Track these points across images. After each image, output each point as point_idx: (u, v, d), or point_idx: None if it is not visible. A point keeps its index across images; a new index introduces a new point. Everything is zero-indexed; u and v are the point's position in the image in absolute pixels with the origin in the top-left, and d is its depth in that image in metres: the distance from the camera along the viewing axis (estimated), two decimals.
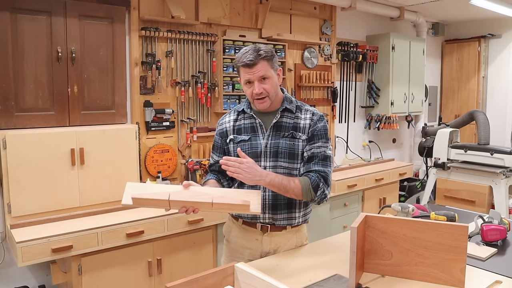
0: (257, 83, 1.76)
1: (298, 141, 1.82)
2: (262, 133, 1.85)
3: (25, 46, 2.69)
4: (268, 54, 1.77)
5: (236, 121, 1.92)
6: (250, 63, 1.74)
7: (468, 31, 6.13)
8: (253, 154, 1.82)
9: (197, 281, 1.30)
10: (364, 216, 1.59)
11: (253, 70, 1.75)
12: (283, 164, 1.82)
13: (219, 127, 1.96)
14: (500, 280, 1.60)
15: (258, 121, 1.86)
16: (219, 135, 1.95)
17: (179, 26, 3.47)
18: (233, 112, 1.96)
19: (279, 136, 1.83)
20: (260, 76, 1.75)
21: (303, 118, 1.86)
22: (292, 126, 1.84)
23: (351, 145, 5.12)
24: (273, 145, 1.82)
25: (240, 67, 1.79)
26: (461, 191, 4.24)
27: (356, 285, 1.53)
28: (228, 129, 1.92)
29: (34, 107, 2.75)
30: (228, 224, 2.03)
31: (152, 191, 1.60)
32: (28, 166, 2.57)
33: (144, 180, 3.22)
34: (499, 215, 2.09)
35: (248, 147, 1.85)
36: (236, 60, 1.81)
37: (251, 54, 1.75)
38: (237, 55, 1.82)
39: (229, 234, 1.99)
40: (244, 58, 1.75)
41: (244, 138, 1.86)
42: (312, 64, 4.53)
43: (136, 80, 3.31)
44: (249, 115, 1.89)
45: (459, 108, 6.19)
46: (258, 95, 1.77)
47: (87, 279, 2.51)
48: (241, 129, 1.90)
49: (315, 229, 3.67)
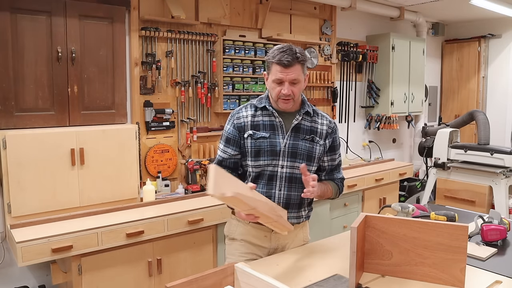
0: (288, 85, 1.76)
1: (316, 145, 1.89)
2: (282, 132, 1.85)
3: (25, 46, 2.69)
4: (304, 59, 1.78)
5: (254, 116, 1.88)
6: (288, 63, 1.73)
7: (468, 31, 6.13)
8: (272, 152, 1.83)
9: (197, 281, 1.30)
10: (364, 216, 1.59)
11: (288, 71, 1.75)
12: (301, 165, 1.83)
13: (236, 120, 1.89)
14: (500, 280, 1.60)
15: (279, 120, 1.86)
16: (237, 128, 1.88)
17: (179, 26, 3.47)
18: (249, 107, 1.91)
19: (298, 138, 1.86)
20: (293, 79, 1.76)
21: (319, 123, 1.92)
22: (310, 130, 1.89)
23: (351, 145, 5.12)
24: (292, 145, 1.84)
25: (274, 63, 1.77)
26: (461, 191, 4.24)
27: (356, 285, 1.53)
28: (246, 123, 1.87)
29: (34, 107, 2.75)
30: (232, 223, 2.00)
31: (237, 185, 1.53)
32: (28, 166, 2.57)
33: (144, 180, 3.22)
34: (499, 215, 2.09)
35: (267, 144, 1.84)
36: (271, 56, 1.78)
37: (290, 55, 1.73)
38: (271, 51, 1.80)
39: (234, 232, 1.96)
40: (282, 57, 1.73)
41: (264, 135, 1.85)
42: (312, 64, 4.53)
43: (136, 80, 3.31)
44: (269, 112, 1.87)
45: (459, 108, 6.19)
46: (286, 96, 1.77)
47: (87, 279, 2.51)
48: (259, 125, 1.87)
49: (315, 229, 3.66)
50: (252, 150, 1.84)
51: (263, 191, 1.84)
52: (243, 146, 1.88)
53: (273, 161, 1.84)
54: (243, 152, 1.88)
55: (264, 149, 1.83)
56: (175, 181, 3.54)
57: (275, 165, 1.85)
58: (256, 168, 1.86)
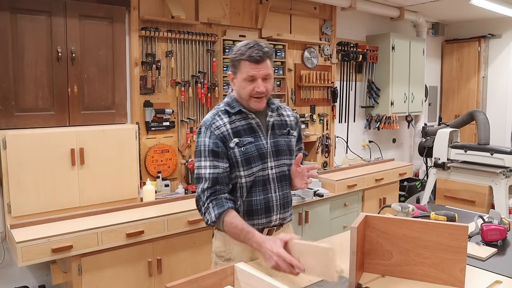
0: (261, 81, 1.67)
1: (292, 137, 1.86)
2: (262, 133, 1.77)
3: (25, 46, 2.69)
4: (271, 53, 1.71)
5: (231, 123, 1.73)
6: (260, 58, 1.64)
7: (468, 31, 6.13)
8: (261, 156, 1.74)
9: (197, 281, 1.30)
10: (364, 216, 1.59)
11: (260, 67, 1.66)
12: (286, 161, 1.81)
13: (217, 131, 1.70)
14: (500, 280, 1.60)
15: (256, 121, 1.76)
16: (220, 140, 1.70)
17: (179, 26, 3.47)
18: (222, 114, 1.75)
19: (277, 135, 1.81)
20: (265, 74, 1.68)
21: (286, 115, 1.89)
22: (284, 124, 1.85)
23: (351, 145, 5.12)
24: (274, 144, 1.78)
25: (243, 60, 1.65)
26: (461, 191, 4.24)
27: (356, 285, 1.53)
28: (228, 132, 1.71)
29: (34, 107, 2.75)
30: (227, 240, 1.76)
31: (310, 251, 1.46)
32: (28, 166, 2.57)
33: (144, 180, 3.22)
34: (499, 215, 2.09)
35: (254, 149, 1.73)
36: (239, 53, 1.66)
37: (259, 50, 1.64)
38: (236, 48, 1.69)
39: (231, 252, 1.77)
40: (252, 53, 1.63)
41: (250, 140, 1.73)
42: (312, 64, 4.53)
43: (136, 80, 3.31)
44: (244, 115, 1.75)
45: (459, 108, 6.19)
46: (260, 93, 1.68)
47: (87, 279, 2.51)
48: (239, 131, 1.73)
49: (315, 229, 3.67)
50: (242, 159, 1.70)
51: (260, 198, 1.75)
52: (230, 157, 1.71)
53: (263, 165, 1.75)
54: (230, 164, 1.72)
55: (252, 154, 1.72)
56: (175, 181, 3.54)
57: (265, 168, 1.76)
58: (249, 177, 1.73)
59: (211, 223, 1.65)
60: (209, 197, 1.65)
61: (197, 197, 1.70)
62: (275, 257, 1.45)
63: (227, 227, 1.62)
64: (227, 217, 1.62)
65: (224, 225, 1.63)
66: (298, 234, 3.50)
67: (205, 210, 1.67)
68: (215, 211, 1.63)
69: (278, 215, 1.80)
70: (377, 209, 4.17)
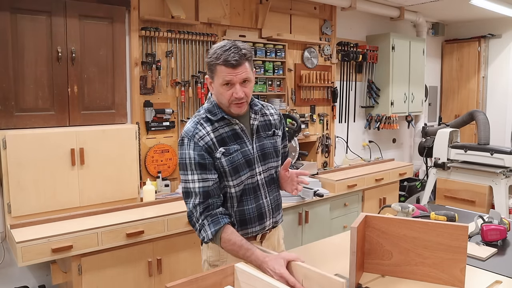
0: (239, 86, 1.58)
1: (277, 137, 1.80)
2: (247, 138, 1.69)
3: (25, 46, 2.69)
4: (250, 55, 1.60)
5: (215, 131, 1.64)
6: (236, 63, 1.54)
7: (468, 31, 6.13)
8: (248, 163, 1.68)
9: (197, 281, 1.30)
10: (364, 216, 1.59)
11: (237, 71, 1.56)
12: (273, 164, 1.77)
13: (201, 141, 1.61)
14: (500, 280, 1.60)
15: (239, 126, 1.67)
16: (206, 151, 1.61)
17: (179, 26, 3.46)
18: (204, 122, 1.66)
19: (262, 138, 1.74)
20: (243, 78, 1.58)
21: (269, 113, 1.82)
22: (268, 125, 1.78)
23: (351, 145, 5.12)
24: (260, 147, 1.72)
25: (219, 65, 1.56)
26: (461, 191, 4.24)
27: (356, 285, 1.53)
28: (213, 141, 1.63)
29: (34, 107, 2.75)
30: (217, 251, 1.73)
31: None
32: (28, 166, 2.57)
33: (144, 180, 3.22)
34: (499, 215, 2.09)
35: (241, 156, 1.66)
36: (214, 57, 1.56)
37: (236, 53, 1.54)
38: (212, 51, 1.59)
39: (225, 262, 1.71)
40: (228, 57, 1.53)
41: (236, 148, 1.65)
42: (312, 64, 4.53)
43: (136, 80, 3.31)
44: (227, 121, 1.66)
45: (459, 108, 6.19)
46: (239, 99, 1.59)
47: (87, 279, 2.51)
48: (224, 139, 1.64)
49: (315, 229, 3.67)
50: (229, 168, 1.63)
51: (252, 207, 1.70)
52: (217, 167, 1.63)
53: (251, 172, 1.68)
54: (218, 174, 1.64)
55: (240, 162, 1.65)
56: (175, 181, 3.54)
57: (254, 175, 1.69)
58: (238, 187, 1.66)
59: (208, 240, 1.58)
60: (202, 213, 1.58)
61: (189, 213, 1.61)
62: (277, 277, 1.39)
63: (224, 244, 1.56)
64: (224, 234, 1.56)
65: (221, 243, 1.57)
66: (298, 234, 3.53)
67: (200, 227, 1.59)
68: (211, 229, 1.56)
69: (271, 220, 1.78)
70: (377, 209, 4.17)
